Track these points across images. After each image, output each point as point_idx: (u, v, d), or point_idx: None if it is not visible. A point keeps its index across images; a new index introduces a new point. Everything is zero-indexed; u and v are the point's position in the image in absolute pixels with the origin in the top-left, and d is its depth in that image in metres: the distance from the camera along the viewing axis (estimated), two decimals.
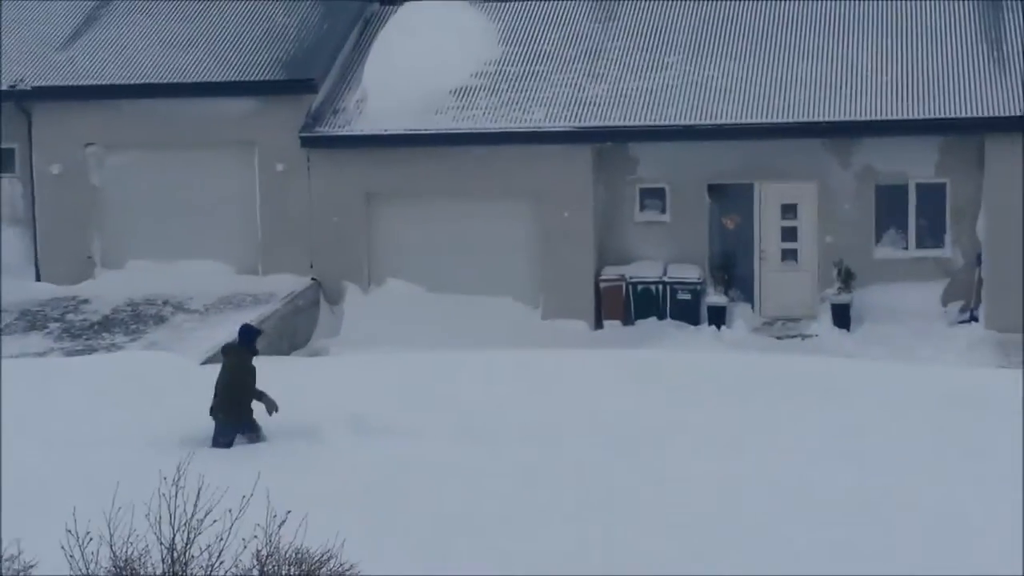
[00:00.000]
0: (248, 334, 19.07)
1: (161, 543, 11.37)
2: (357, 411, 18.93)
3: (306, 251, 30.14)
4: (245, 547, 11.54)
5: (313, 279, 29.99)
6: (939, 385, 21.51)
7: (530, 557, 14.25)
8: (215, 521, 11.47)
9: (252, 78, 30.45)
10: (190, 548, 11.39)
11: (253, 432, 18.35)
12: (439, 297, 29.18)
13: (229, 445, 18.14)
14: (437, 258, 29.62)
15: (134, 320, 28.02)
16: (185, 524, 11.40)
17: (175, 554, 11.36)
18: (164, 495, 11.45)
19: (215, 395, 18.44)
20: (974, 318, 28.13)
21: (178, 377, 21.69)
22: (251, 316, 27.37)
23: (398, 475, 16.81)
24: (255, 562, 11.58)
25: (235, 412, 18.32)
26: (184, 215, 30.65)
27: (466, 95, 30.02)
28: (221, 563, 11.32)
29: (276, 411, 18.23)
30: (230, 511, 11.58)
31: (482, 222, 29.63)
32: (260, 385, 18.36)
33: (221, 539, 11.39)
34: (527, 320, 28.96)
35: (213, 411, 18.40)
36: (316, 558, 12.04)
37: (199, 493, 11.59)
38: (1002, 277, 27.94)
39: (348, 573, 12.23)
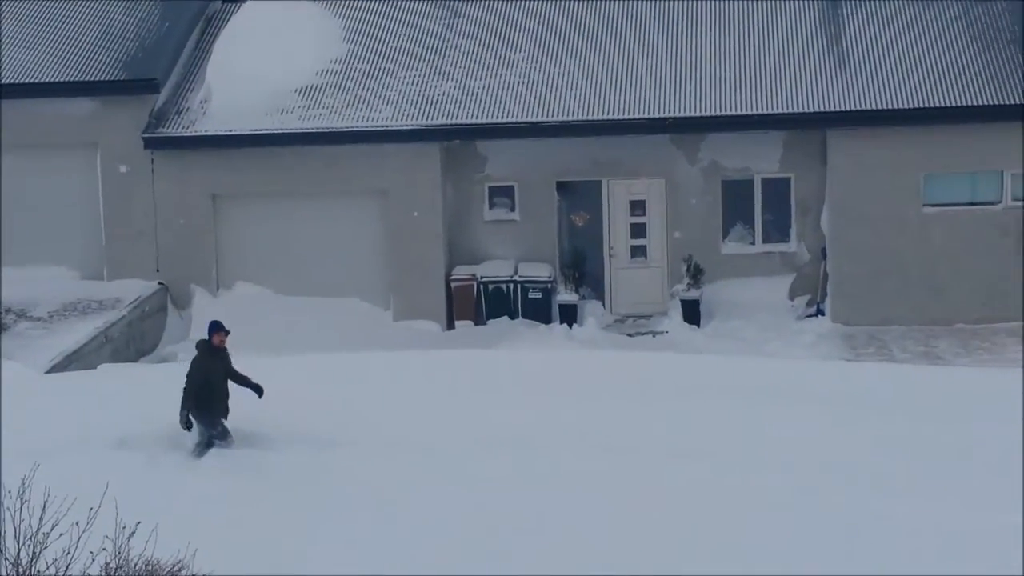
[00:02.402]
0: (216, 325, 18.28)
1: (5, 558, 11.05)
2: None
3: (152, 255, 29.67)
4: (93, 560, 11.27)
5: (160, 283, 29.54)
6: (786, 379, 21.80)
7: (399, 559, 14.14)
8: (61, 535, 11.18)
9: (93, 78, 29.91)
10: (35, 563, 11.10)
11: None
12: (289, 299, 28.92)
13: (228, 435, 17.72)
14: (286, 260, 29.37)
15: None
16: (31, 538, 11.10)
17: (20, 569, 11.06)
18: (8, 509, 11.13)
19: (218, 391, 17.68)
20: (820, 312, 28.55)
21: (22, 387, 21.15)
22: (97, 323, 26.90)
23: (253, 481, 16.56)
24: (104, 574, 11.32)
25: (224, 407, 17.82)
26: (25, 219, 29.98)
27: (312, 94, 29.78)
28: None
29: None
30: (77, 523, 11.30)
31: (330, 223, 29.42)
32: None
33: (69, 552, 11.10)
34: (378, 321, 28.82)
35: (201, 415, 17.69)
36: (167, 569, 11.82)
37: (44, 507, 11.29)
38: (846, 271, 28.40)
39: None
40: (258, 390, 17.94)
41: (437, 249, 29.16)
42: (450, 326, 29.04)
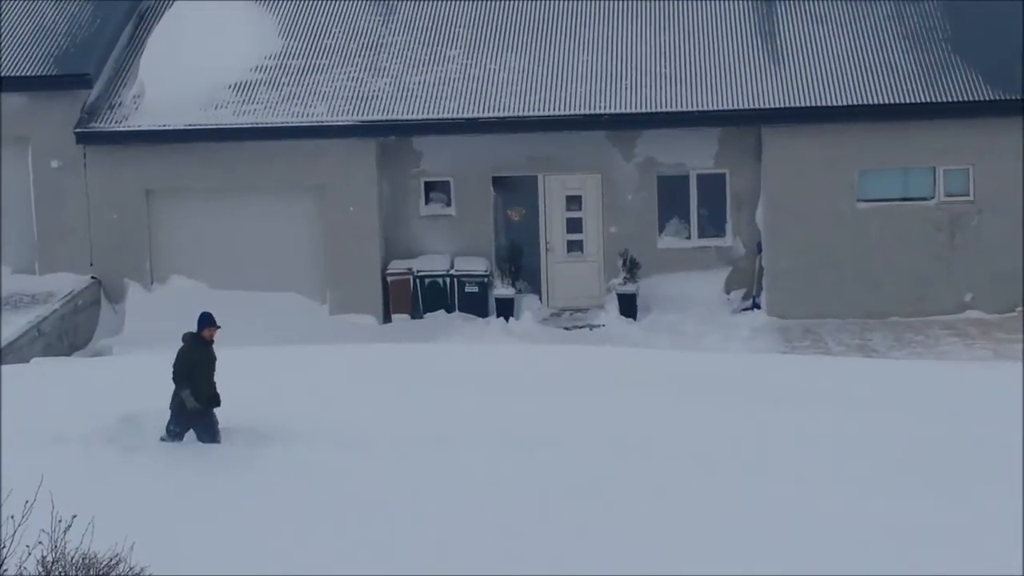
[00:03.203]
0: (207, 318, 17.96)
1: None
2: (132, 412, 18.39)
3: (85, 249, 29.45)
4: (30, 554, 11.15)
5: (93, 277, 29.33)
6: (722, 372, 21.91)
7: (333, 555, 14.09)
8: None
9: (24, 74, 29.62)
10: None
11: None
12: (224, 294, 28.69)
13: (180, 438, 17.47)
14: (222, 254, 29.23)
15: None
16: None
17: None
18: None
19: (203, 382, 17.36)
20: (756, 305, 28.70)
21: None
22: (30, 316, 26.66)
23: (191, 474, 16.46)
24: (40, 569, 11.20)
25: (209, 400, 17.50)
26: None
27: (246, 89, 29.63)
28: (5, 571, 10.92)
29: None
30: (12, 517, 11.18)
31: (266, 217, 29.32)
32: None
33: (4, 547, 10.98)
34: (314, 315, 28.75)
35: (199, 402, 17.36)
36: (104, 562, 11.71)
37: None
38: (782, 265, 28.56)
39: None
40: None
41: (373, 244, 29.10)
42: (387, 320, 29.01)
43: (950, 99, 28.10)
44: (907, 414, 18.88)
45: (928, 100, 28.14)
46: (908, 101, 28.15)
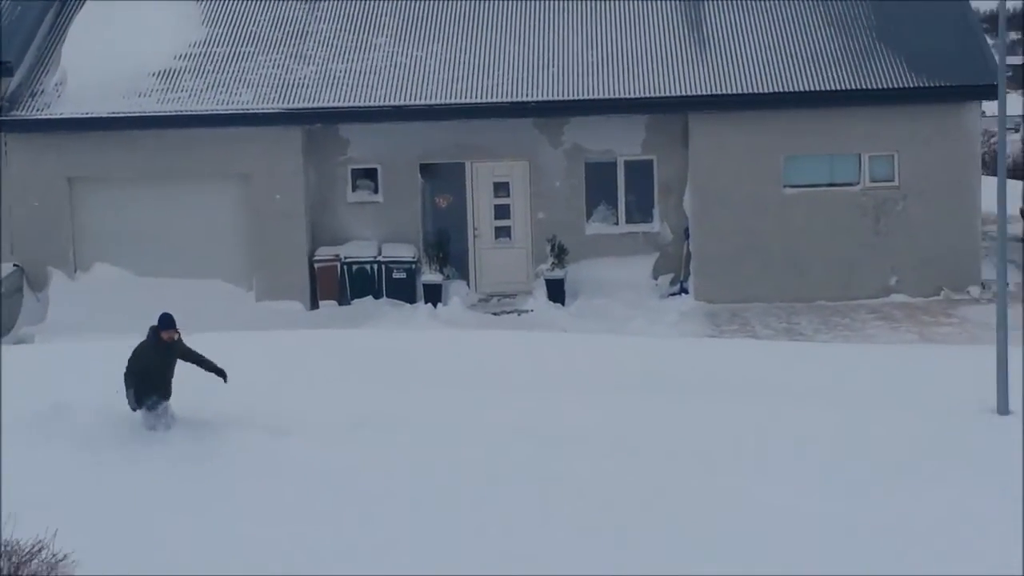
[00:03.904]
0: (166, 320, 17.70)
1: None
2: (61, 400, 18.17)
3: (7, 237, 29.10)
4: None
5: (15, 265, 28.98)
6: (648, 356, 21.96)
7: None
8: None
9: None
10: None
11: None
12: (149, 281, 28.51)
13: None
14: (146, 242, 28.99)
15: None
16: None
17: None
18: None
19: (157, 379, 17.16)
20: (684, 290, 28.80)
21: None
22: None
23: (114, 461, 16.29)
24: None
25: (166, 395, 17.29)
26: None
27: (170, 77, 29.40)
28: None
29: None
30: None
31: (191, 205, 29.11)
32: None
33: None
34: (241, 302, 28.60)
35: (150, 393, 17.15)
36: (27, 549, 11.58)
37: None
38: (709, 250, 28.67)
39: (61, 563, 11.79)
40: (222, 374, 17.48)
41: (300, 231, 28.96)
42: (314, 306, 28.90)
43: (875, 86, 28.30)
44: (832, 397, 19.01)
45: (853, 87, 28.32)
46: (833, 88, 28.32)
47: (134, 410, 17.15)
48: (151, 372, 17.17)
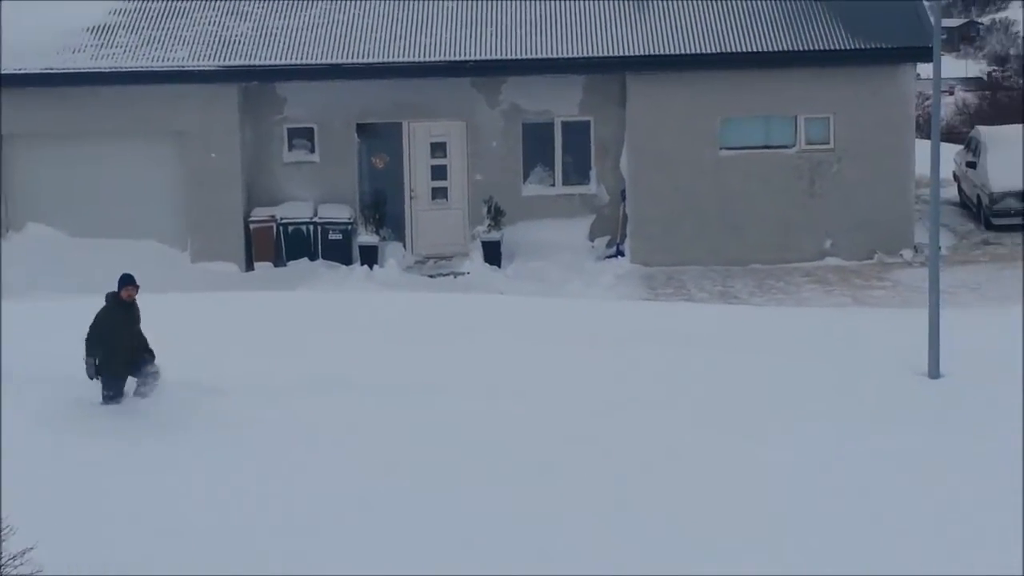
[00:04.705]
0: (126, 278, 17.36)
1: None
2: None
3: None
4: None
5: None
6: (585, 318, 22.04)
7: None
8: None
9: None
10: None
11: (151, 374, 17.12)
12: (83, 242, 28.27)
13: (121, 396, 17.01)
14: (80, 201, 28.69)
15: None
16: None
17: None
18: None
19: (112, 348, 16.77)
20: (620, 253, 28.84)
21: None
22: None
23: (60, 430, 16.16)
24: None
25: (132, 361, 16.99)
26: None
27: (104, 33, 29.10)
28: None
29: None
30: None
31: (126, 164, 28.84)
32: None
33: None
34: (176, 263, 28.37)
35: (105, 367, 16.81)
36: None
37: None
38: (645, 213, 28.71)
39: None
40: (151, 355, 17.13)
41: (235, 191, 28.78)
42: (249, 268, 28.73)
43: (812, 48, 28.37)
44: (764, 355, 19.21)
45: (790, 48, 28.39)
46: (771, 49, 28.37)
47: (91, 379, 16.90)
48: (116, 335, 16.80)
